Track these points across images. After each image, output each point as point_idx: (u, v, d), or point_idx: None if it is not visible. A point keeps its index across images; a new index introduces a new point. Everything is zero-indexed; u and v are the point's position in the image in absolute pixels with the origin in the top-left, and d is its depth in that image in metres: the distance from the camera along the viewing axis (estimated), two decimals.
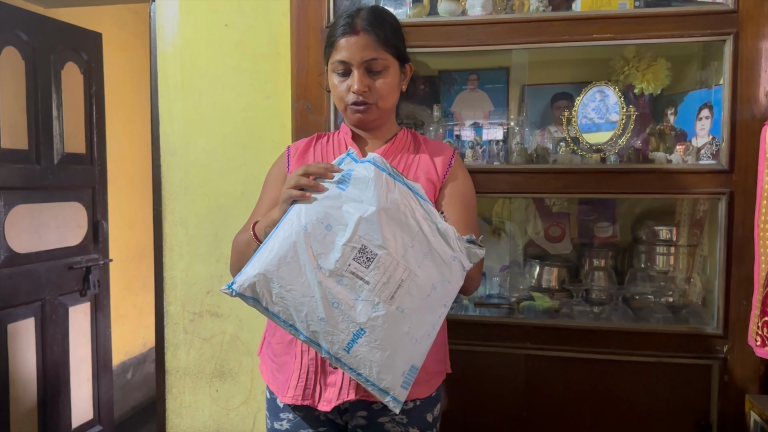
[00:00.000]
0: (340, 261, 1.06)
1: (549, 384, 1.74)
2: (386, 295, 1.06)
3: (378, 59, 1.25)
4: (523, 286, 1.93)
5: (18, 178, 2.51)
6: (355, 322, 1.06)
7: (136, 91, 3.61)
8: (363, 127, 1.35)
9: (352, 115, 1.30)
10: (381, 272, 1.06)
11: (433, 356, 1.29)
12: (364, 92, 1.26)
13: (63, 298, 2.75)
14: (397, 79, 1.32)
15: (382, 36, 1.25)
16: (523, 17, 1.72)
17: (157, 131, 2.14)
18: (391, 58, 1.28)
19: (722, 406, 1.64)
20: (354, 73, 1.26)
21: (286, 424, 1.33)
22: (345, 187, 1.10)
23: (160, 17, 2.11)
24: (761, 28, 1.59)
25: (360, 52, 1.24)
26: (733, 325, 1.62)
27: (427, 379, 1.31)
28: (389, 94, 1.30)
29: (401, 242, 1.08)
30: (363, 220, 1.07)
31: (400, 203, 1.09)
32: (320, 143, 1.40)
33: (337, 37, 1.26)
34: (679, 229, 1.87)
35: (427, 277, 1.09)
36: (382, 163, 1.12)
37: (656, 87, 1.85)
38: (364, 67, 1.26)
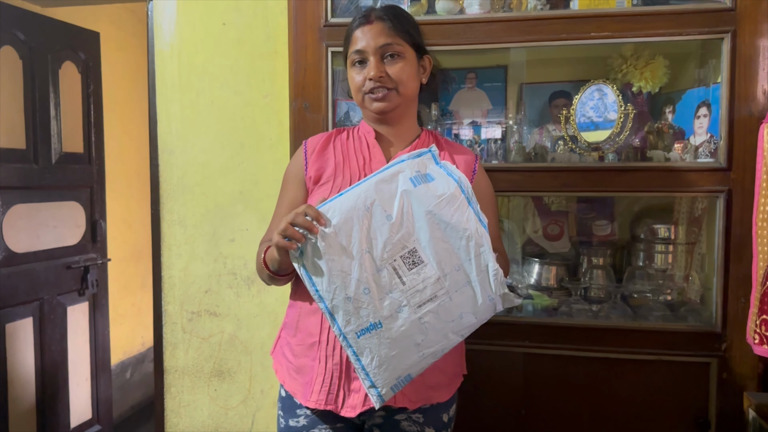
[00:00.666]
0: (389, 253, 1.09)
1: (548, 382, 1.74)
2: (415, 302, 1.09)
3: (393, 44, 1.25)
4: (521, 285, 1.93)
5: (16, 177, 2.51)
6: (377, 314, 1.08)
7: (133, 90, 3.61)
8: (384, 119, 1.32)
9: (372, 104, 1.28)
10: (420, 280, 1.09)
11: (453, 359, 1.30)
12: (381, 77, 1.25)
13: (61, 297, 2.74)
14: (415, 67, 1.30)
15: (396, 23, 1.26)
16: (521, 15, 1.72)
17: (155, 130, 2.13)
18: (406, 45, 1.27)
19: (721, 403, 1.64)
20: (370, 60, 1.25)
21: (303, 420, 1.30)
22: (418, 183, 1.12)
23: (158, 16, 2.10)
24: (759, 26, 1.59)
25: (374, 39, 1.25)
26: (732, 322, 1.62)
27: (447, 383, 1.31)
28: (408, 80, 1.28)
29: (450, 262, 1.10)
30: (425, 226, 1.09)
31: (464, 228, 1.10)
32: (340, 140, 1.36)
33: (353, 30, 1.28)
34: (678, 227, 1.88)
35: (459, 304, 1.11)
36: (465, 185, 1.14)
37: (654, 85, 1.85)
38: (379, 54, 1.25)
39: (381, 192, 1.11)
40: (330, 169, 1.31)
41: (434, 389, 1.28)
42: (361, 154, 1.32)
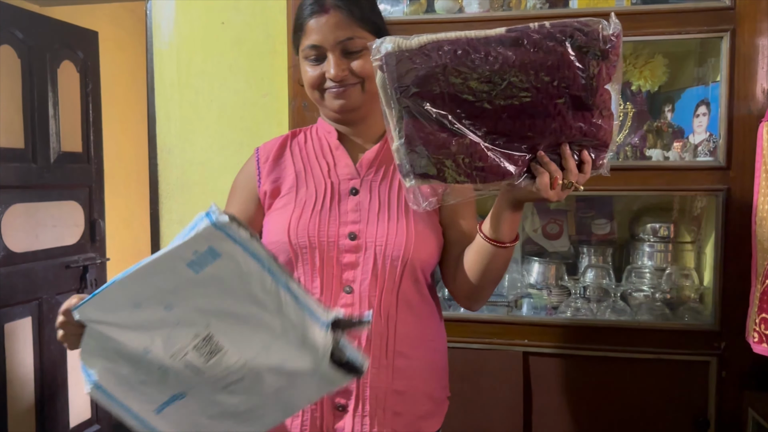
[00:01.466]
0: (177, 348, 0.85)
1: (547, 381, 1.74)
2: (220, 386, 0.88)
3: (355, 38, 1.07)
4: (520, 284, 1.93)
5: (14, 177, 2.50)
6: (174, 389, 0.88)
7: (132, 89, 3.60)
8: (346, 118, 1.15)
9: (333, 101, 1.11)
10: (222, 368, 0.86)
11: (439, 382, 1.21)
12: (344, 77, 1.08)
13: (60, 297, 2.74)
14: None
15: (356, 11, 1.08)
16: (520, 14, 1.72)
17: (153, 129, 2.13)
18: (369, 36, 1.09)
19: (720, 402, 1.64)
20: (329, 57, 1.08)
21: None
22: (199, 270, 0.82)
23: (157, 15, 2.10)
24: (758, 25, 1.59)
25: (332, 32, 1.07)
26: (731, 321, 1.62)
27: (435, 409, 1.18)
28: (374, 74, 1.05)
29: (254, 346, 0.86)
30: (220, 312, 0.85)
31: (272, 307, 0.85)
32: (297, 144, 1.21)
33: (306, 19, 1.09)
34: (677, 226, 1.88)
35: (272, 381, 0.88)
36: (265, 260, 0.83)
37: (653, 84, 1.84)
38: (339, 49, 1.07)
39: (154, 286, 0.83)
40: (290, 180, 1.16)
41: (424, 419, 1.15)
42: (323, 158, 1.17)
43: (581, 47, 0.88)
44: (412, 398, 1.12)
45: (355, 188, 1.14)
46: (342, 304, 1.09)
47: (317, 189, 1.14)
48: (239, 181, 1.24)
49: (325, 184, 1.14)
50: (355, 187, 1.14)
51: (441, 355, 1.22)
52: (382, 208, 1.12)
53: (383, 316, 1.10)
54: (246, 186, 1.21)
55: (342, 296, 1.10)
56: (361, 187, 1.14)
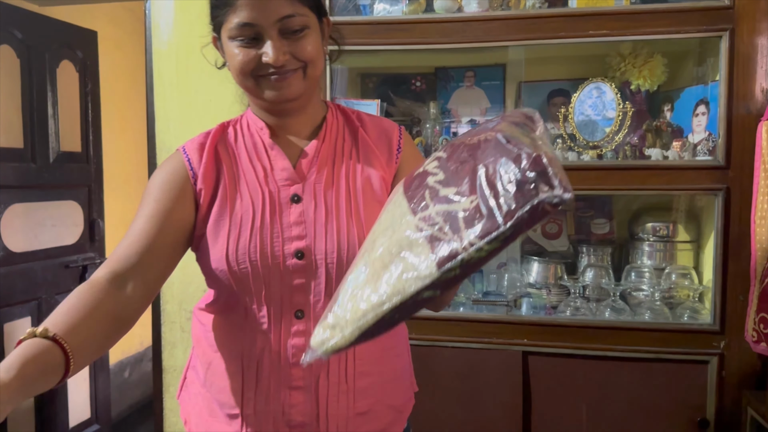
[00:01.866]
0: None
1: (546, 380, 1.74)
2: None
3: (295, 15, 0.92)
4: (520, 283, 1.93)
5: (13, 176, 2.50)
6: None
7: (131, 89, 3.60)
8: (285, 107, 0.99)
9: (271, 90, 0.95)
10: None
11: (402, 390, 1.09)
12: (286, 61, 0.93)
13: (59, 297, 2.74)
14: (320, 38, 0.98)
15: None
16: (519, 14, 1.72)
17: (152, 129, 2.13)
18: (309, 13, 0.95)
19: (719, 401, 1.64)
20: (266, 39, 0.92)
21: None
22: None
23: (156, 15, 2.10)
24: (757, 24, 1.59)
25: (270, 9, 0.91)
26: (730, 321, 1.63)
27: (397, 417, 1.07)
28: (318, 57, 0.96)
29: None
30: None
31: None
32: (228, 145, 1.03)
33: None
34: (676, 225, 1.88)
35: None
36: None
37: (653, 83, 1.85)
38: (277, 29, 0.92)
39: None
40: (222, 189, 0.99)
41: (390, 426, 1.06)
42: (258, 161, 1.01)
43: None
44: (374, 415, 1.03)
45: (297, 195, 0.98)
46: (294, 332, 0.96)
47: (254, 200, 0.97)
48: (163, 179, 1.00)
49: (262, 193, 0.98)
50: (297, 193, 0.98)
51: (404, 359, 1.11)
52: (329, 216, 0.96)
53: None
54: (176, 182, 0.99)
55: (294, 323, 0.96)
56: (303, 192, 0.98)
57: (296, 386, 0.97)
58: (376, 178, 1.01)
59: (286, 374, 0.96)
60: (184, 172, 1.00)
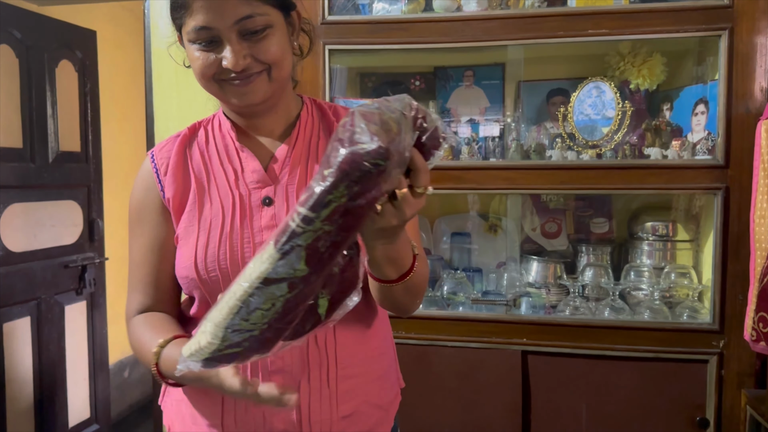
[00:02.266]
0: None
1: (546, 380, 1.74)
2: None
3: (255, 15, 0.86)
4: (519, 283, 1.93)
5: (12, 176, 2.50)
6: None
7: (130, 88, 3.60)
8: (252, 111, 0.96)
9: (235, 97, 0.92)
10: None
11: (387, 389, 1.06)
12: (247, 65, 0.88)
13: (59, 296, 2.74)
14: (286, 36, 0.93)
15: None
16: (518, 13, 1.72)
17: (152, 129, 2.13)
18: (272, 10, 0.89)
19: (719, 400, 1.64)
20: (224, 42, 0.87)
21: None
22: None
23: (155, 14, 2.10)
24: (756, 23, 1.59)
25: (227, 11, 0.85)
26: (729, 320, 1.63)
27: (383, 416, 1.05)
28: (282, 58, 0.91)
29: None
30: None
31: None
32: (198, 147, 1.00)
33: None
34: (675, 225, 1.88)
35: None
36: None
37: (652, 82, 1.85)
38: (236, 31, 0.86)
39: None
40: (192, 194, 0.96)
41: (378, 425, 1.03)
42: (229, 163, 0.97)
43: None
44: (360, 416, 0.99)
45: (269, 197, 0.94)
46: None
47: (223, 204, 0.94)
48: (139, 202, 1.02)
49: (232, 196, 0.94)
50: (269, 196, 0.94)
51: (387, 356, 1.07)
52: None
53: (319, 345, 0.94)
54: (149, 204, 1.00)
55: None
56: (275, 195, 0.94)
57: None
58: None
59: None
60: (154, 187, 0.99)
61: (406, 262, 0.83)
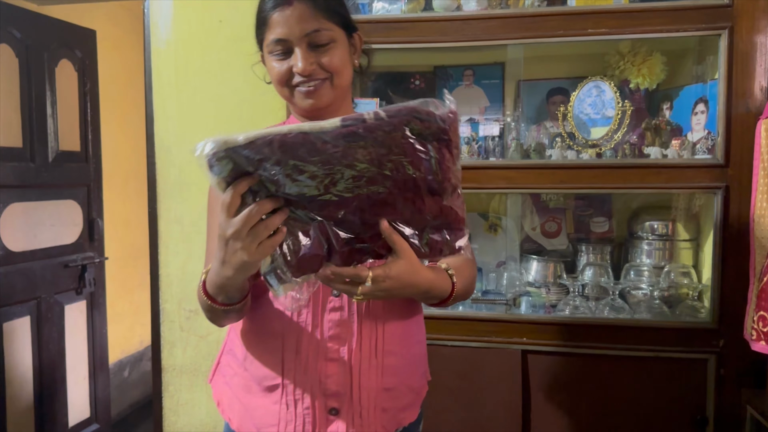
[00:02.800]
0: None
1: (545, 379, 1.75)
2: None
3: (321, 30, 1.05)
4: (519, 282, 1.93)
5: (12, 176, 2.50)
6: None
7: (130, 88, 3.60)
8: (317, 114, 1.12)
9: (303, 100, 1.09)
10: None
11: (420, 372, 1.21)
12: (312, 71, 1.06)
13: (59, 296, 2.74)
14: (347, 51, 1.11)
15: (321, 3, 1.06)
16: (518, 12, 1.72)
17: (151, 128, 2.13)
18: (336, 28, 1.08)
19: (718, 399, 1.64)
20: (296, 50, 1.05)
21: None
22: None
23: (154, 14, 2.10)
24: (756, 23, 1.59)
25: (298, 25, 1.04)
26: (729, 319, 1.63)
27: (415, 399, 1.19)
28: (343, 68, 1.09)
29: None
30: None
31: None
32: None
33: (269, 12, 1.06)
34: (675, 224, 1.88)
35: None
36: None
37: (652, 82, 1.85)
38: (306, 42, 1.05)
39: None
40: None
41: (405, 410, 1.17)
42: None
43: (421, 133, 0.83)
44: (397, 393, 1.14)
45: None
46: (330, 308, 1.08)
47: None
48: (216, 195, 1.09)
49: None
50: None
51: (421, 346, 1.23)
52: None
53: (372, 316, 1.10)
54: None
55: (330, 300, 1.08)
56: None
57: (332, 358, 1.08)
58: None
59: (323, 347, 1.08)
60: None
61: (443, 290, 1.05)
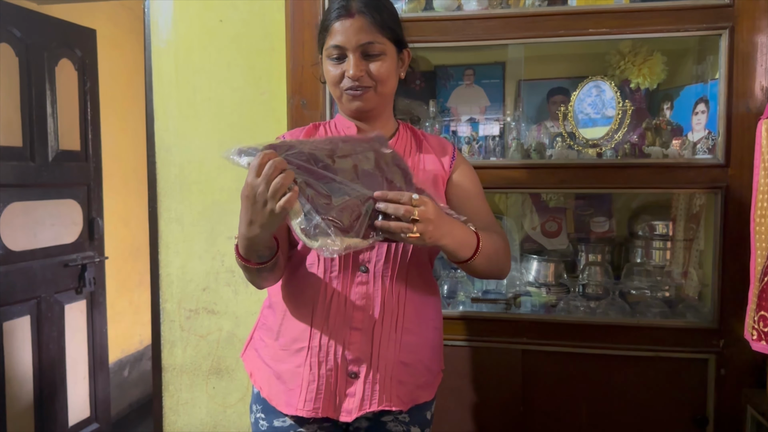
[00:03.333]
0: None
1: (546, 379, 1.74)
2: None
3: (375, 43, 1.19)
4: (519, 282, 1.93)
5: (12, 175, 2.50)
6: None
7: (130, 87, 3.60)
8: (361, 115, 1.28)
9: (349, 102, 1.23)
10: None
11: (436, 356, 1.32)
12: (361, 77, 1.20)
13: (59, 295, 2.74)
14: (395, 64, 1.25)
15: (378, 19, 1.19)
16: (519, 12, 1.72)
17: (151, 128, 2.13)
18: (388, 43, 1.21)
19: (719, 400, 1.64)
20: (349, 57, 1.19)
21: (289, 420, 1.26)
22: None
23: (155, 13, 2.09)
24: (757, 22, 1.59)
25: (355, 35, 1.18)
26: (730, 319, 1.63)
27: (432, 380, 1.32)
28: (388, 78, 1.23)
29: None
30: None
31: None
32: (318, 135, 1.32)
33: (332, 21, 1.20)
34: (676, 224, 1.88)
35: None
36: None
37: (652, 81, 1.84)
38: (360, 51, 1.19)
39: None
40: None
41: (422, 388, 1.28)
42: None
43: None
44: (414, 369, 1.25)
45: None
46: (357, 282, 1.21)
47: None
48: None
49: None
50: None
51: (438, 333, 1.34)
52: None
53: (395, 294, 1.22)
54: None
55: (358, 275, 1.21)
56: None
57: (356, 327, 1.20)
58: (433, 174, 1.30)
59: (349, 316, 1.20)
60: None
61: (470, 238, 1.18)
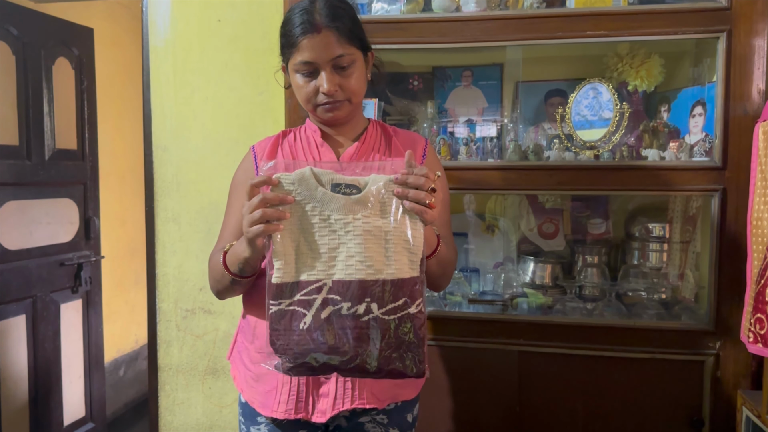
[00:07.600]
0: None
1: (542, 380, 1.75)
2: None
3: (345, 55, 1.19)
4: (516, 283, 1.94)
5: (8, 174, 2.49)
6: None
7: (128, 86, 3.59)
8: (334, 124, 1.29)
9: (324, 114, 1.24)
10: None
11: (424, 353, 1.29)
12: (335, 92, 1.20)
13: (54, 295, 2.73)
14: (364, 70, 1.27)
15: (344, 30, 1.19)
16: (517, 13, 1.72)
17: (149, 127, 2.12)
18: (356, 51, 1.22)
19: (714, 401, 1.65)
20: (322, 74, 1.19)
21: (264, 428, 1.29)
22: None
23: (153, 12, 2.09)
24: (754, 25, 1.59)
25: (325, 51, 1.17)
26: (726, 321, 1.63)
27: (413, 380, 1.26)
28: (360, 89, 1.25)
29: None
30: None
31: None
32: (287, 142, 1.32)
33: (297, 38, 1.18)
34: (672, 226, 1.88)
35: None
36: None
37: (650, 84, 1.85)
38: (331, 65, 1.19)
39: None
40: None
41: (401, 387, 1.27)
42: (310, 154, 1.29)
43: None
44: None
45: None
46: None
47: None
48: (239, 179, 1.33)
49: None
50: None
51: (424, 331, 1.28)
52: None
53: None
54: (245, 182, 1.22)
55: None
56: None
57: None
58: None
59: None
60: (251, 168, 1.30)
61: (431, 243, 1.16)
